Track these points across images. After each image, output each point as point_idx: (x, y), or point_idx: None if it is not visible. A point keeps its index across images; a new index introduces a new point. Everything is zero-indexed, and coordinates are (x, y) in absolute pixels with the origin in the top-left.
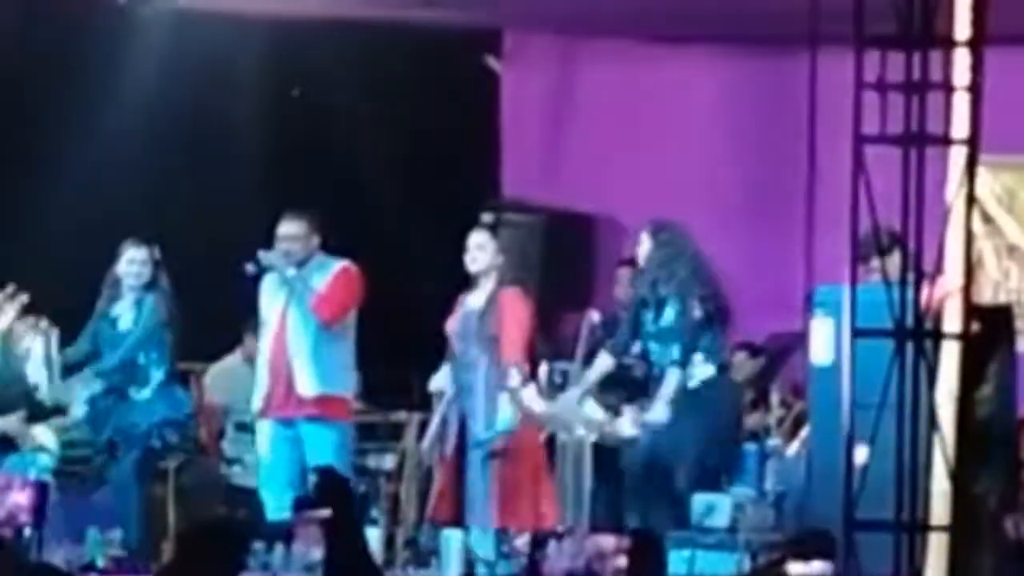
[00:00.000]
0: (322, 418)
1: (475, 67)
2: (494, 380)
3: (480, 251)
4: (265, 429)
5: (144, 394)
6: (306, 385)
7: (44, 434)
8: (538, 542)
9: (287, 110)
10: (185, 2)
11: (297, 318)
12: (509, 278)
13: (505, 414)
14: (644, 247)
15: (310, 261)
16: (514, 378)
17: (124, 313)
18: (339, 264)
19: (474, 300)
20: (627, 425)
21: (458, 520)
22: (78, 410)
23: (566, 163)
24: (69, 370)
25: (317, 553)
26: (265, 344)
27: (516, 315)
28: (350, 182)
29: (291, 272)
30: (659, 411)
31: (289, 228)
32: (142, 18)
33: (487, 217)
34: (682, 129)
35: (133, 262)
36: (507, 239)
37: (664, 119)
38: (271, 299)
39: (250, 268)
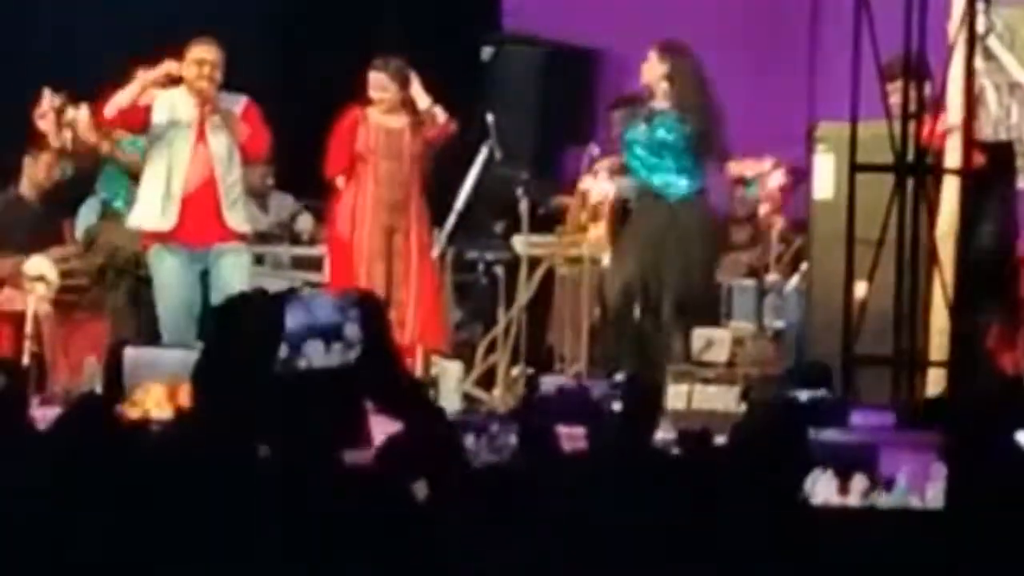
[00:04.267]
0: (238, 247)
1: None
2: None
3: (384, 91)
4: (173, 257)
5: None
6: (237, 222)
7: (42, 264)
8: (532, 379)
9: None
10: None
11: (222, 150)
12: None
13: None
14: (652, 64)
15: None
16: None
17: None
18: (243, 97)
19: (389, 120)
20: None
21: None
22: (79, 236)
23: None
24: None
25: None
26: (176, 169)
27: (449, 129)
28: (347, 14)
29: (222, 103)
30: None
31: (208, 52)
32: None
33: (486, 51)
34: None
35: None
36: (507, 73)
37: None
38: (179, 113)
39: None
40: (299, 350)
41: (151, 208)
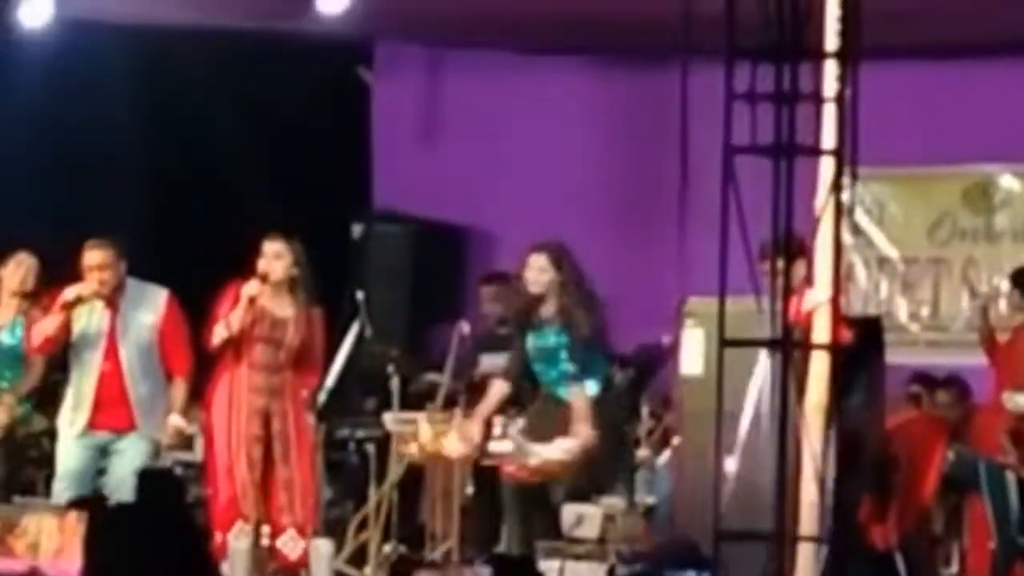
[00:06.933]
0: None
1: (347, 78)
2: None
3: (278, 260)
4: (75, 442)
5: None
6: (148, 428)
7: None
8: None
9: (159, 120)
10: (57, 11)
11: (133, 355)
12: (312, 293)
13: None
14: (534, 269)
15: (124, 288)
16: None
17: None
18: (162, 295)
19: (276, 307)
20: (555, 451)
21: None
22: None
23: (437, 174)
24: None
25: None
26: (87, 379)
27: (322, 336)
28: (223, 193)
29: (133, 314)
30: (583, 432)
31: (97, 257)
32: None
33: (356, 228)
34: (554, 139)
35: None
36: (377, 250)
37: (536, 130)
38: (92, 324)
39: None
40: None
41: (64, 415)
